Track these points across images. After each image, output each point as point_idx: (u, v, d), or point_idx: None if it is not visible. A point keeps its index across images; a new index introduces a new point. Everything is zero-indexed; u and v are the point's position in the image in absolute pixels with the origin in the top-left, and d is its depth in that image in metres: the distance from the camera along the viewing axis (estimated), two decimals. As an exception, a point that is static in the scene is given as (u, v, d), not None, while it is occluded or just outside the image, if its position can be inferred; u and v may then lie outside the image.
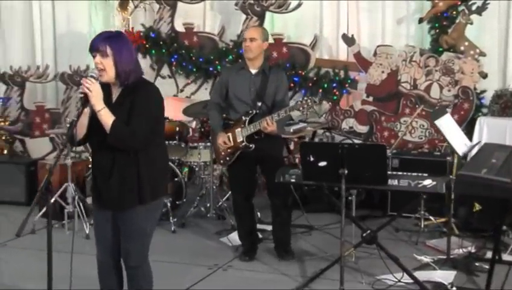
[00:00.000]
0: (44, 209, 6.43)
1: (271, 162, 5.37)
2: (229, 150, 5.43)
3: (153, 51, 8.20)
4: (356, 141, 7.49)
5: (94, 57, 3.53)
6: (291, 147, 7.33)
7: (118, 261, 3.83)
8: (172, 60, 8.14)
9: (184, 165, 6.81)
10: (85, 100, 3.46)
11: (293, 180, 4.86)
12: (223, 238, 6.04)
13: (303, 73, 7.61)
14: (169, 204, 6.28)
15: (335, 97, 7.54)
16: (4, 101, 8.64)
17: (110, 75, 3.52)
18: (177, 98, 8.24)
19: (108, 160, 3.60)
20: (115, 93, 3.62)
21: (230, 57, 7.84)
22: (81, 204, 6.15)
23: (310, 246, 5.91)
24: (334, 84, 7.53)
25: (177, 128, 6.52)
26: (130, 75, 3.56)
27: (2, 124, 8.35)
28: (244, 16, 7.91)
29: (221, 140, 5.39)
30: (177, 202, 6.59)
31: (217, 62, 7.88)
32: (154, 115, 3.62)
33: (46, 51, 9.03)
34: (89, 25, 8.91)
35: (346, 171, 4.48)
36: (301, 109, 5.12)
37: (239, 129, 5.35)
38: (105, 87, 3.60)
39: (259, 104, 5.34)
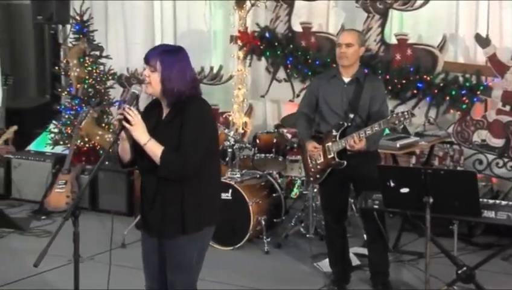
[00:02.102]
0: (137, 219, 6.70)
1: (365, 181, 5.18)
2: (318, 167, 5.33)
3: (268, 53, 8.22)
4: (489, 156, 7.08)
5: (144, 68, 3.58)
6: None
7: (166, 291, 3.86)
8: (288, 62, 8.11)
9: (283, 178, 6.78)
10: (122, 126, 3.51)
11: (376, 207, 4.68)
12: (319, 263, 5.93)
13: (428, 78, 7.27)
14: (263, 222, 6.27)
15: (464, 106, 7.13)
16: (120, 104, 9.07)
17: (155, 89, 3.56)
18: (293, 103, 8.21)
19: (153, 185, 3.64)
20: (165, 110, 3.65)
21: (349, 59, 7.65)
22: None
23: (413, 278, 5.66)
24: (464, 91, 7.12)
25: (275, 140, 6.50)
26: (181, 96, 3.53)
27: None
28: (366, 14, 7.72)
29: (311, 146, 5.28)
30: (274, 220, 6.57)
31: (334, 65, 7.71)
32: (206, 139, 3.59)
33: (166, 52, 9.35)
34: (209, 24, 9.11)
35: (431, 200, 4.23)
36: (396, 122, 4.93)
37: (329, 144, 5.23)
38: (156, 105, 3.66)
39: (352, 116, 5.19)
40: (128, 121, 3.48)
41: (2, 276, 5.43)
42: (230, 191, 6.26)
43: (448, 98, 7.18)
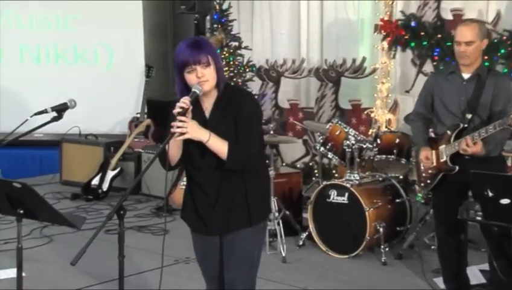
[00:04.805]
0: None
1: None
2: (430, 171, 5.19)
3: (412, 43, 8.04)
4: None
5: (190, 71, 3.65)
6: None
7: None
8: (435, 54, 7.89)
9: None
10: (173, 133, 3.60)
11: (478, 218, 4.47)
12: (438, 279, 5.75)
13: None
14: (382, 230, 6.19)
15: None
16: (258, 98, 9.29)
17: (212, 83, 3.70)
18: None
19: (215, 182, 3.79)
20: (207, 106, 3.78)
21: (503, 51, 7.33)
22: (280, 222, 6.38)
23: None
24: None
25: (397, 141, 6.39)
26: (224, 79, 3.78)
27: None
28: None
29: (423, 155, 5.18)
30: (397, 228, 6.46)
31: (485, 58, 7.39)
32: (261, 130, 3.86)
33: (311, 43, 9.45)
34: (357, 13, 9.08)
35: (535, 214, 3.99)
36: None
37: (443, 146, 5.08)
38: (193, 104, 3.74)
39: (469, 116, 4.99)
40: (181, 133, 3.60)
41: (107, 272, 5.75)
42: (346, 194, 6.25)
43: None
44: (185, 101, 3.57)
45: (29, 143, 9.01)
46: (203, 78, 3.65)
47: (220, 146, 3.64)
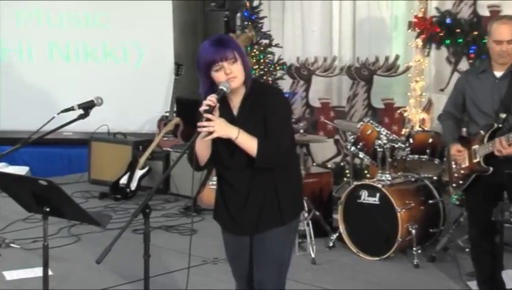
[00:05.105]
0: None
1: (518, 191, 4.92)
2: (462, 171, 5.13)
3: (448, 41, 7.97)
4: None
5: (218, 69, 3.63)
6: None
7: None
8: (471, 51, 7.80)
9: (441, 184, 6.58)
10: (199, 132, 3.59)
11: (514, 220, 4.42)
12: (472, 282, 5.69)
13: None
14: (414, 232, 6.13)
15: None
16: (290, 97, 9.27)
17: (240, 80, 3.67)
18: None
19: (245, 180, 3.78)
20: (235, 104, 3.76)
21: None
22: (310, 223, 6.35)
23: None
24: None
25: (430, 140, 6.34)
26: (250, 76, 3.77)
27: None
28: None
29: (454, 149, 5.12)
30: (430, 230, 6.40)
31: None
32: (291, 126, 3.85)
33: (343, 40, 9.41)
34: (390, 10, 9.03)
35: None
36: None
37: (476, 146, 5.02)
38: (220, 103, 3.72)
39: (503, 115, 4.93)
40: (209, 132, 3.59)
41: (134, 272, 5.76)
42: (377, 195, 6.21)
43: None
44: (211, 99, 3.56)
45: (58, 142, 9.14)
46: (232, 74, 3.63)
47: (249, 143, 3.63)
